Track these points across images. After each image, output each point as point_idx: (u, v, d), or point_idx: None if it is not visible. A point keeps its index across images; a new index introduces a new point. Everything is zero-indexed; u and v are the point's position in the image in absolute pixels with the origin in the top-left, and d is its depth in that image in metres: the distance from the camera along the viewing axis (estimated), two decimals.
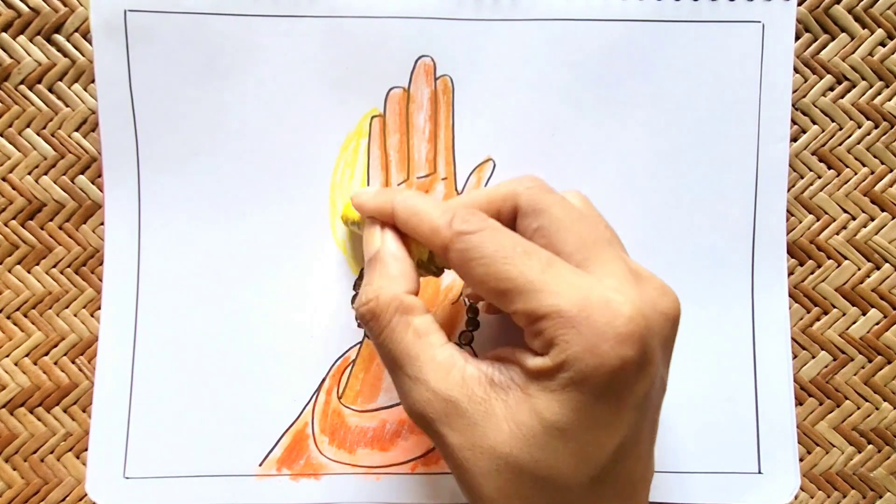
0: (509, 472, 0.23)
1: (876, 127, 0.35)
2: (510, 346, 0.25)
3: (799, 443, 0.34)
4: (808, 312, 0.35)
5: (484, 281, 0.24)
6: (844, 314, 0.35)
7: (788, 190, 0.34)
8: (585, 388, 0.22)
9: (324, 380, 0.33)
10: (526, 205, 0.26)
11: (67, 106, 0.33)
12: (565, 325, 0.22)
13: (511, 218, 0.26)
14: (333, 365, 0.33)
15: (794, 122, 0.34)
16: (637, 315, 0.22)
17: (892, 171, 0.35)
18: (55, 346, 0.33)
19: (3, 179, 0.33)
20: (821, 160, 0.35)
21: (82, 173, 0.34)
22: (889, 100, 0.35)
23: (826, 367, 0.35)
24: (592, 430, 0.23)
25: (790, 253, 0.34)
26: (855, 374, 0.35)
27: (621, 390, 0.23)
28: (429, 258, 0.27)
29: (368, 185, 0.33)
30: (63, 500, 0.33)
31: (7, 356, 0.33)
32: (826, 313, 0.35)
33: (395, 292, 0.25)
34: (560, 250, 0.24)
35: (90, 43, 0.32)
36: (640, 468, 0.25)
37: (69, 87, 0.33)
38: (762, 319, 0.33)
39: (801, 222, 0.34)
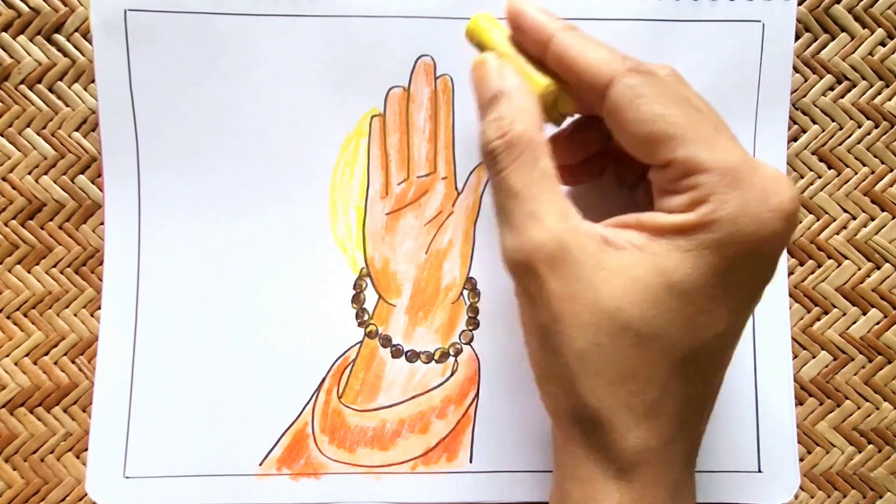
0: (611, 328, 0.23)
1: (876, 127, 0.35)
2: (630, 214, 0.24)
3: (799, 443, 0.34)
4: (808, 312, 0.35)
5: (648, 121, 0.23)
6: (844, 314, 0.35)
7: None
8: (727, 252, 0.22)
9: (324, 379, 0.33)
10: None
11: (67, 106, 0.33)
12: (730, 184, 0.22)
13: None
14: (333, 364, 0.33)
15: (794, 121, 0.34)
16: (797, 199, 0.22)
17: (892, 171, 0.35)
18: (55, 346, 0.33)
19: (3, 179, 0.33)
20: (821, 160, 0.35)
21: (82, 173, 0.34)
22: (889, 100, 0.35)
23: (826, 367, 0.35)
24: (715, 301, 0.23)
25: (790, 253, 0.34)
26: (855, 374, 0.35)
27: (758, 265, 0.23)
28: (553, 103, 0.26)
29: (368, 184, 0.33)
30: (63, 500, 0.33)
31: (7, 356, 0.33)
32: (826, 313, 0.35)
33: (528, 126, 0.24)
34: None
35: (90, 43, 0.32)
36: (717, 381, 0.25)
37: (69, 87, 0.33)
38: (762, 319, 0.33)
39: (801, 222, 0.34)
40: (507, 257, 0.24)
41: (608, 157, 0.30)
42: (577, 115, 0.28)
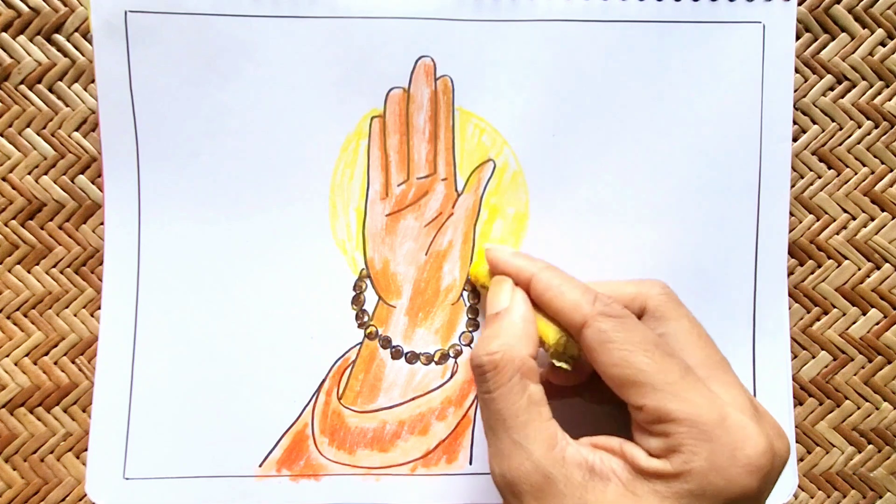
0: None
1: (876, 127, 0.35)
2: (614, 437, 0.25)
3: (799, 443, 0.34)
4: (808, 312, 0.35)
5: (618, 366, 0.24)
6: (844, 314, 0.35)
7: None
8: (702, 503, 0.22)
9: (324, 380, 0.33)
10: (655, 309, 0.26)
11: (67, 106, 0.33)
12: (699, 437, 0.23)
13: (636, 317, 0.26)
14: (333, 366, 0.33)
15: (794, 121, 0.34)
16: (769, 451, 0.23)
17: (892, 171, 0.35)
18: (55, 346, 0.33)
19: (3, 179, 0.33)
20: (821, 160, 0.35)
21: (82, 173, 0.34)
22: (889, 100, 0.35)
23: (826, 367, 0.35)
24: None
25: (790, 253, 0.34)
26: (855, 374, 0.35)
27: None
28: (562, 348, 0.27)
29: (368, 186, 0.33)
30: (63, 500, 0.33)
31: (7, 356, 0.33)
32: (826, 313, 0.35)
33: (523, 354, 0.25)
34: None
35: (90, 43, 0.32)
36: None
37: (69, 87, 0.33)
38: (762, 320, 0.33)
39: (801, 222, 0.34)
40: (495, 479, 0.25)
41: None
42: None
